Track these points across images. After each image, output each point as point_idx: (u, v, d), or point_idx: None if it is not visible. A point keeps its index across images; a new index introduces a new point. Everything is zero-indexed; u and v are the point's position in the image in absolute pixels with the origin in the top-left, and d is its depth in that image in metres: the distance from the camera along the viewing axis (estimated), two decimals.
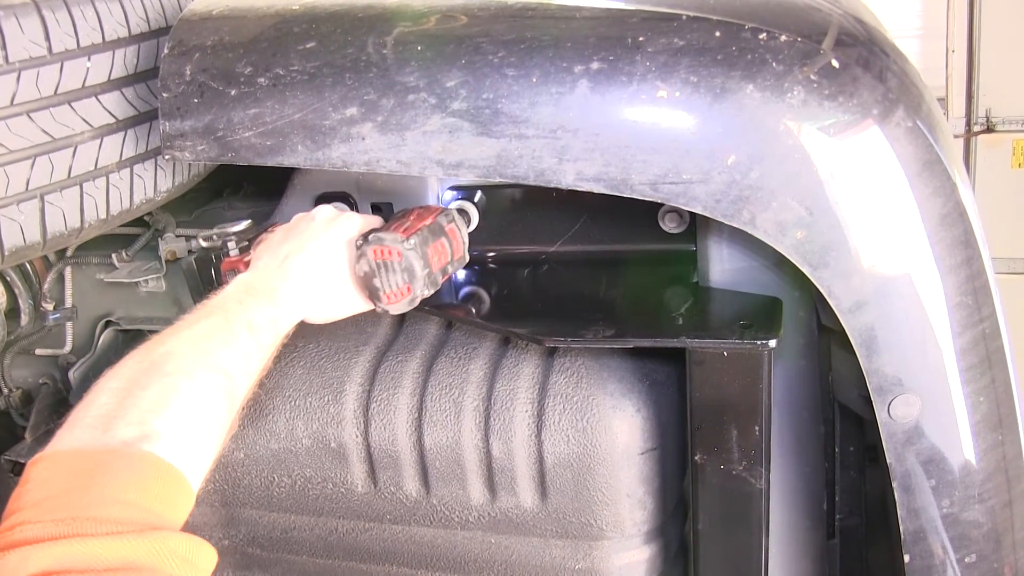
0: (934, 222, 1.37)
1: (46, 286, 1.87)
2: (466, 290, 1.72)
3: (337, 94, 1.36)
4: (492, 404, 1.56)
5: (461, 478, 1.60)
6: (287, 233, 1.47)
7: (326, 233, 1.45)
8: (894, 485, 1.46)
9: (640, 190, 1.33)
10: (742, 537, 1.56)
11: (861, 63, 1.35)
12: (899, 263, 1.37)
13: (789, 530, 1.78)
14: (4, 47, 1.32)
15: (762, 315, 1.51)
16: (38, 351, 1.96)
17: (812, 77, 1.30)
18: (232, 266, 1.53)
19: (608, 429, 1.53)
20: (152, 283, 1.85)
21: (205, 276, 1.74)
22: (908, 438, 1.43)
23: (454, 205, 1.68)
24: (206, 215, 1.97)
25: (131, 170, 1.54)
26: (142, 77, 1.53)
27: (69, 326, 1.93)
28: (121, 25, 1.47)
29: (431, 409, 1.58)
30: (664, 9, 1.35)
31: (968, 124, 6.65)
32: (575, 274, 1.72)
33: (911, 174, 1.35)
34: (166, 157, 1.44)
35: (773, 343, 1.42)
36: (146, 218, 1.79)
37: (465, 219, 1.63)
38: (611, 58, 1.30)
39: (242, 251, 1.57)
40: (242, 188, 2.10)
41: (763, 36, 1.31)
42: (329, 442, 1.63)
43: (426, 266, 1.44)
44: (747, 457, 1.49)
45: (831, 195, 1.32)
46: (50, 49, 1.37)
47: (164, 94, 1.42)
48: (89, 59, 1.43)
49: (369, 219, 1.51)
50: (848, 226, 1.34)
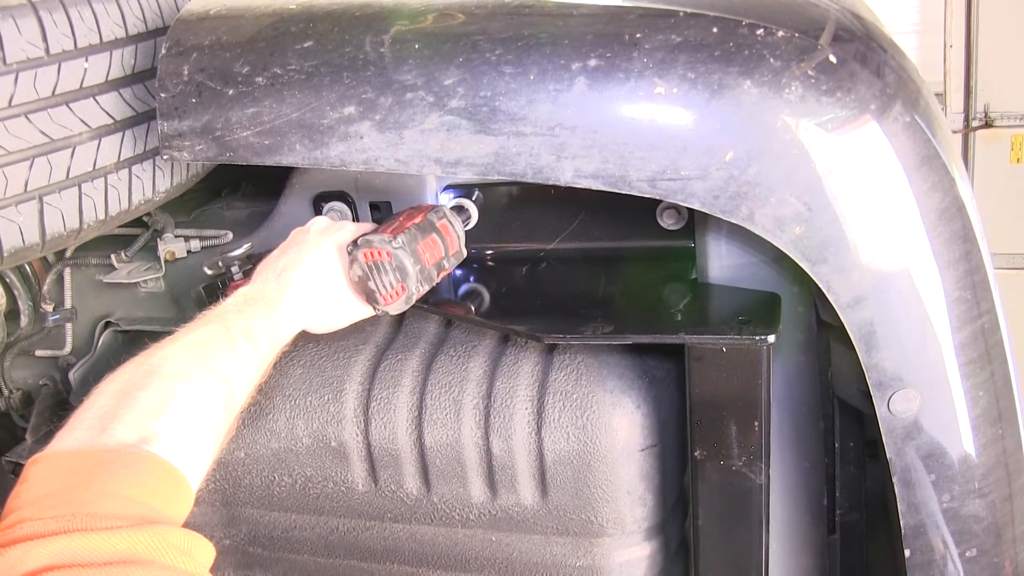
0: (932, 217, 1.38)
1: (45, 287, 1.87)
2: (465, 288, 1.72)
3: (335, 93, 1.36)
4: (492, 402, 1.56)
5: (461, 476, 1.60)
6: (284, 248, 1.50)
7: (320, 244, 1.47)
8: (894, 480, 1.46)
9: (638, 187, 1.33)
10: (742, 533, 1.56)
11: (859, 59, 1.35)
12: (898, 258, 1.37)
13: (789, 526, 1.78)
14: (2, 48, 1.32)
15: (761, 311, 1.52)
16: (38, 352, 1.96)
17: (810, 73, 1.30)
18: (237, 289, 1.54)
19: (608, 426, 1.53)
20: (151, 284, 1.85)
21: (213, 304, 1.75)
22: (908, 433, 1.43)
23: (452, 203, 1.68)
24: (205, 215, 1.97)
25: (129, 171, 1.54)
26: (140, 77, 1.53)
27: (68, 327, 1.93)
28: (118, 26, 1.47)
29: (431, 407, 1.58)
30: (661, 5, 1.35)
31: (966, 119, 6.65)
32: (574, 271, 1.72)
33: (909, 169, 1.35)
34: (164, 157, 1.44)
35: (772, 339, 1.42)
36: (145, 219, 1.79)
37: (463, 215, 1.63)
38: (608, 55, 1.30)
39: (246, 274, 1.58)
40: (241, 188, 2.10)
41: (760, 32, 1.31)
42: (329, 441, 1.63)
43: (417, 263, 1.45)
44: (747, 453, 1.49)
45: (829, 191, 1.32)
46: (47, 50, 1.37)
47: (162, 94, 1.42)
48: (87, 60, 1.43)
49: (362, 226, 1.53)
50: (846, 221, 1.34)
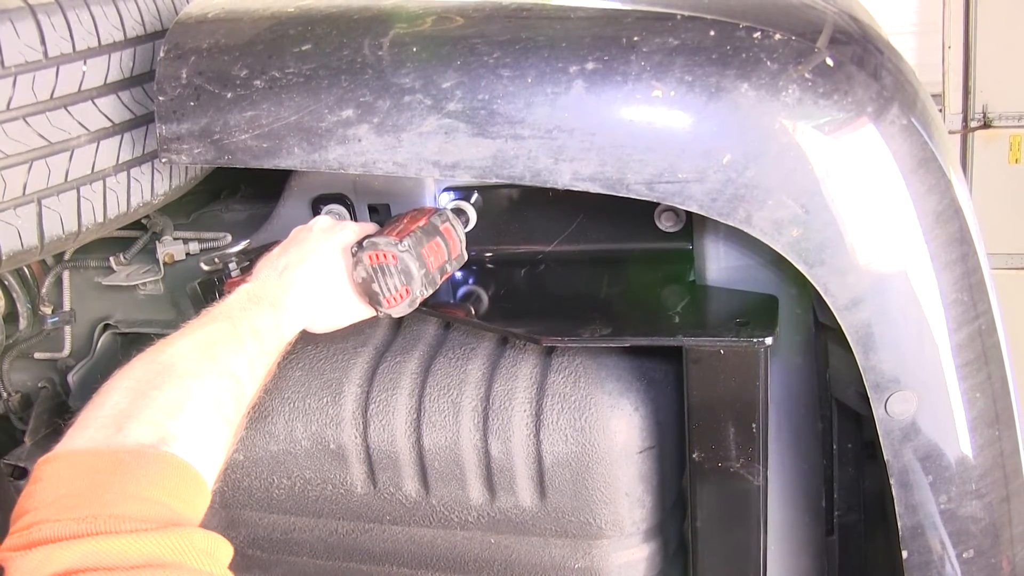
0: (929, 219, 1.38)
1: (44, 290, 1.87)
2: (464, 290, 1.72)
3: (333, 96, 1.36)
4: (490, 404, 1.57)
5: (460, 478, 1.60)
6: (286, 245, 1.49)
7: (323, 243, 1.47)
8: (892, 481, 1.46)
9: (636, 189, 1.33)
10: (741, 534, 1.56)
11: (856, 61, 1.35)
12: (895, 260, 1.37)
13: (788, 527, 1.78)
14: (0, 52, 1.32)
15: (759, 313, 1.52)
16: (37, 355, 1.96)
17: (807, 75, 1.30)
18: (235, 286, 1.54)
19: (606, 428, 1.53)
20: (150, 286, 1.85)
21: (210, 299, 1.74)
22: (905, 434, 1.44)
23: (450, 205, 1.68)
24: (204, 218, 1.97)
25: (128, 173, 1.54)
26: (138, 80, 1.53)
27: (67, 329, 1.93)
28: (117, 29, 1.48)
29: (430, 410, 1.59)
30: (659, 8, 1.36)
31: (965, 120, 6.66)
32: (572, 273, 1.72)
33: (906, 171, 1.36)
34: (163, 160, 1.44)
35: (770, 340, 1.42)
36: (144, 221, 1.79)
37: (462, 219, 1.63)
38: (606, 58, 1.30)
39: (243, 271, 1.58)
40: (239, 190, 2.10)
41: (758, 35, 1.31)
42: (328, 443, 1.63)
43: (422, 266, 1.45)
44: (745, 454, 1.49)
45: (827, 193, 1.32)
46: (46, 53, 1.37)
47: (160, 97, 1.42)
48: (85, 63, 1.43)
49: (365, 227, 1.53)
50: (844, 224, 1.34)
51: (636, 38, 1.31)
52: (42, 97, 1.38)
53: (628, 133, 1.31)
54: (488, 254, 1.77)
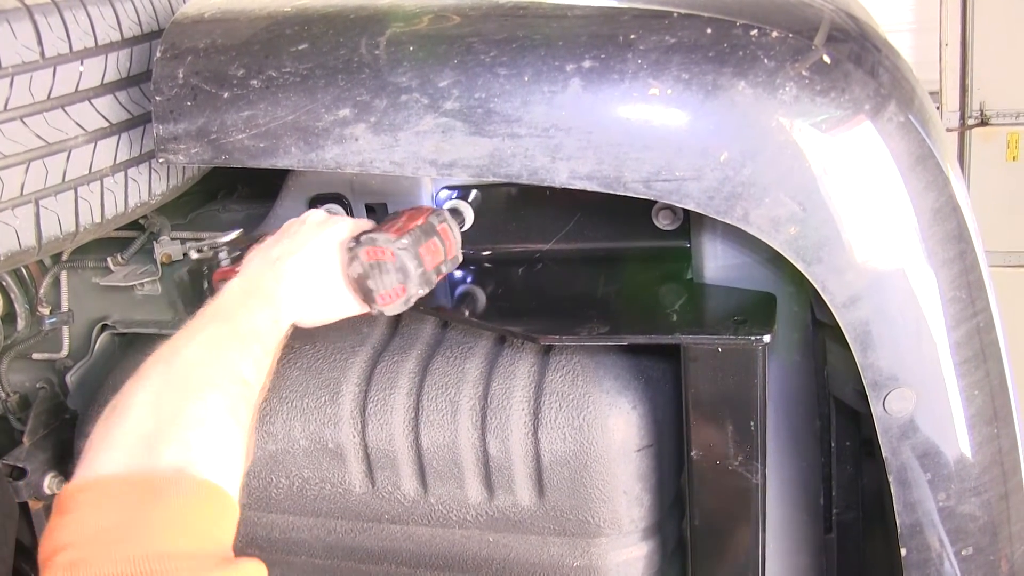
0: (927, 217, 1.38)
1: (42, 290, 1.87)
2: (461, 289, 1.72)
3: (330, 95, 1.36)
4: (488, 403, 1.57)
5: (458, 477, 1.60)
6: (278, 237, 1.46)
7: (317, 236, 1.44)
8: (890, 479, 1.46)
9: (633, 188, 1.33)
10: (739, 532, 1.56)
11: (853, 59, 1.35)
12: (893, 258, 1.37)
13: (786, 525, 1.78)
14: None
15: (756, 311, 1.52)
16: (35, 355, 1.95)
17: (804, 73, 1.30)
18: (224, 276, 1.52)
19: (604, 426, 1.53)
20: (148, 286, 1.85)
21: (197, 287, 1.73)
22: (903, 432, 1.44)
23: (447, 205, 1.68)
24: (201, 217, 1.97)
25: (125, 174, 1.54)
26: (135, 80, 1.52)
27: (65, 330, 1.93)
28: (113, 29, 1.47)
29: (428, 409, 1.59)
30: (655, 6, 1.36)
31: (962, 118, 6.66)
32: (570, 272, 1.72)
33: (904, 169, 1.36)
34: (160, 160, 1.44)
35: (767, 338, 1.42)
36: (141, 221, 1.79)
37: (458, 218, 1.63)
38: (603, 56, 1.30)
39: (234, 261, 1.57)
40: (237, 190, 2.10)
41: (754, 32, 1.31)
42: (326, 443, 1.63)
43: (420, 265, 1.44)
44: (743, 452, 1.49)
45: (824, 191, 1.32)
46: (43, 54, 1.37)
47: (157, 97, 1.42)
48: (82, 63, 1.43)
49: (360, 222, 1.51)
50: (841, 221, 1.34)
51: (633, 36, 1.31)
52: (39, 97, 1.38)
53: (625, 131, 1.31)
54: (486, 253, 1.77)
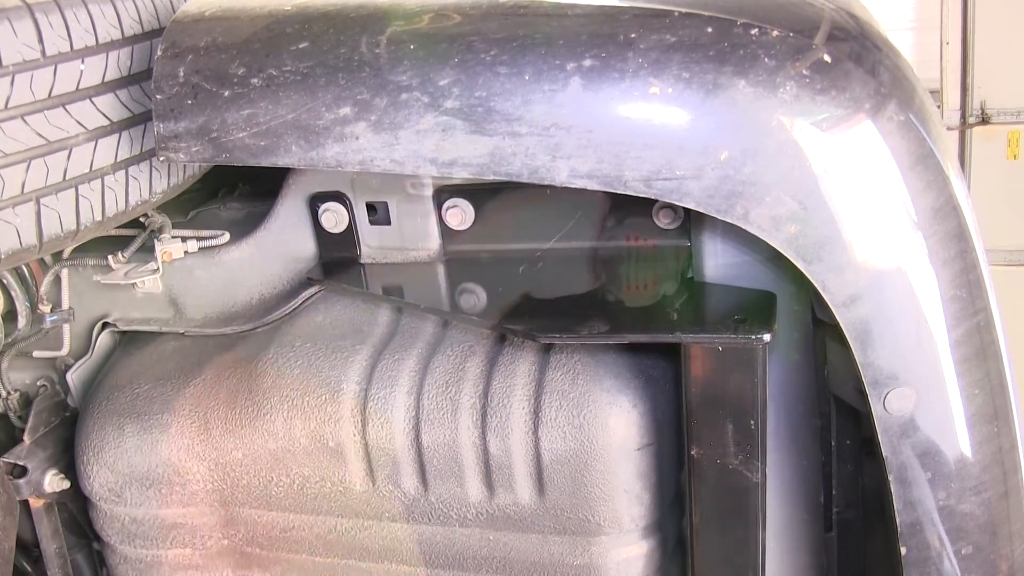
0: (927, 216, 1.38)
1: (43, 288, 1.87)
2: (461, 288, 1.72)
3: (330, 94, 1.36)
4: (489, 401, 1.57)
5: (459, 475, 1.60)
6: None
7: None
8: (890, 478, 1.46)
9: (634, 186, 1.33)
10: (739, 531, 1.56)
11: (853, 58, 1.35)
12: (893, 257, 1.37)
13: (786, 523, 1.78)
14: None
15: (756, 310, 1.52)
16: (36, 353, 1.96)
17: (804, 72, 1.30)
18: None
19: (605, 425, 1.53)
20: (148, 284, 1.86)
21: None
22: (903, 431, 1.44)
23: (448, 203, 1.67)
24: (202, 216, 1.97)
25: (126, 172, 1.54)
26: (136, 79, 1.53)
27: (66, 328, 1.93)
28: (114, 27, 1.47)
29: (428, 407, 1.59)
30: (656, 5, 1.35)
31: (963, 116, 6.67)
32: (570, 271, 1.72)
33: (904, 168, 1.36)
34: (160, 159, 1.44)
35: (767, 337, 1.42)
36: (142, 219, 1.79)
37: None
38: (603, 55, 1.30)
39: None
40: (238, 188, 2.10)
41: (755, 32, 1.31)
42: (327, 441, 1.63)
43: None
44: (743, 451, 1.49)
45: (824, 190, 1.32)
46: (44, 52, 1.37)
47: (158, 96, 1.42)
48: (83, 62, 1.43)
49: None
50: (841, 220, 1.34)
51: (633, 35, 1.31)
52: (40, 96, 1.38)
53: (625, 130, 1.31)
54: (486, 252, 1.77)
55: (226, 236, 1.84)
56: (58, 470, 1.86)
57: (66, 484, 1.86)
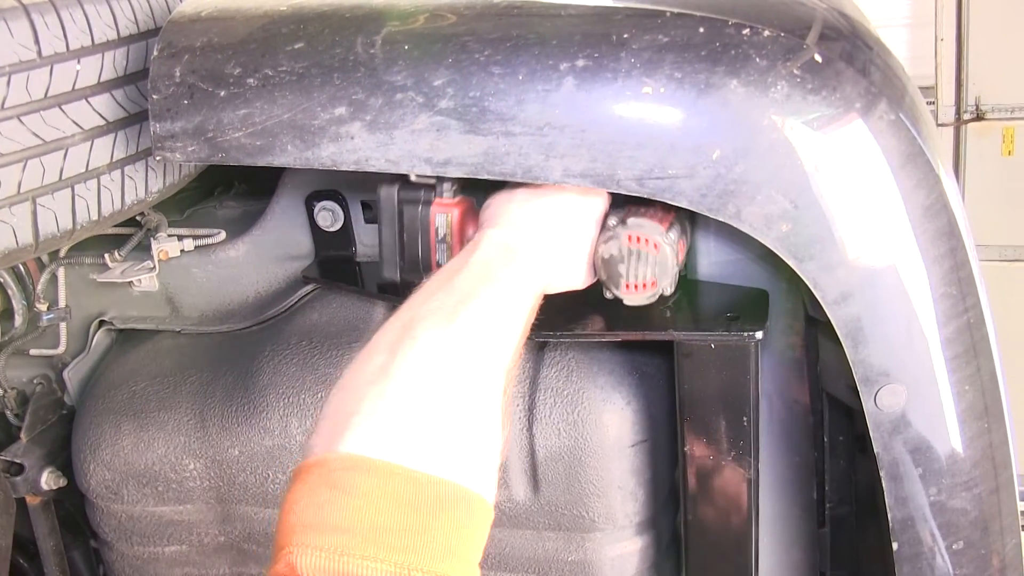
0: (918, 214, 1.39)
1: (39, 287, 1.87)
2: None
3: (326, 94, 1.37)
4: None
5: None
6: (532, 194, 1.42)
7: (580, 204, 1.42)
8: (882, 474, 1.47)
9: (626, 185, 1.34)
10: (732, 527, 1.58)
11: (844, 57, 1.36)
12: (884, 255, 1.38)
13: (780, 519, 1.79)
14: None
15: (749, 307, 1.53)
16: (32, 351, 1.96)
17: (796, 72, 1.31)
18: (444, 210, 1.49)
19: (599, 422, 1.54)
20: (145, 282, 1.86)
21: (409, 216, 1.58)
22: (895, 427, 1.45)
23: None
24: (198, 214, 1.98)
25: (122, 171, 1.55)
26: (132, 79, 1.53)
27: (63, 326, 1.94)
28: (110, 28, 1.48)
29: None
30: (648, 6, 1.36)
31: (958, 112, 6.68)
32: None
33: (895, 166, 1.37)
34: (157, 158, 1.44)
35: (760, 335, 1.44)
36: (138, 218, 1.79)
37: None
38: (596, 55, 1.31)
39: (455, 194, 1.51)
40: (234, 187, 2.11)
41: (747, 32, 1.32)
42: None
43: (676, 264, 1.41)
44: (736, 447, 1.51)
45: (816, 188, 1.33)
46: (40, 52, 1.38)
47: (154, 96, 1.42)
48: (79, 62, 1.43)
49: (609, 197, 1.47)
50: (833, 219, 1.35)
51: (626, 35, 1.32)
52: (36, 96, 1.39)
53: (618, 129, 1.32)
54: None
55: (222, 235, 1.85)
56: (55, 468, 1.87)
57: (63, 482, 1.87)
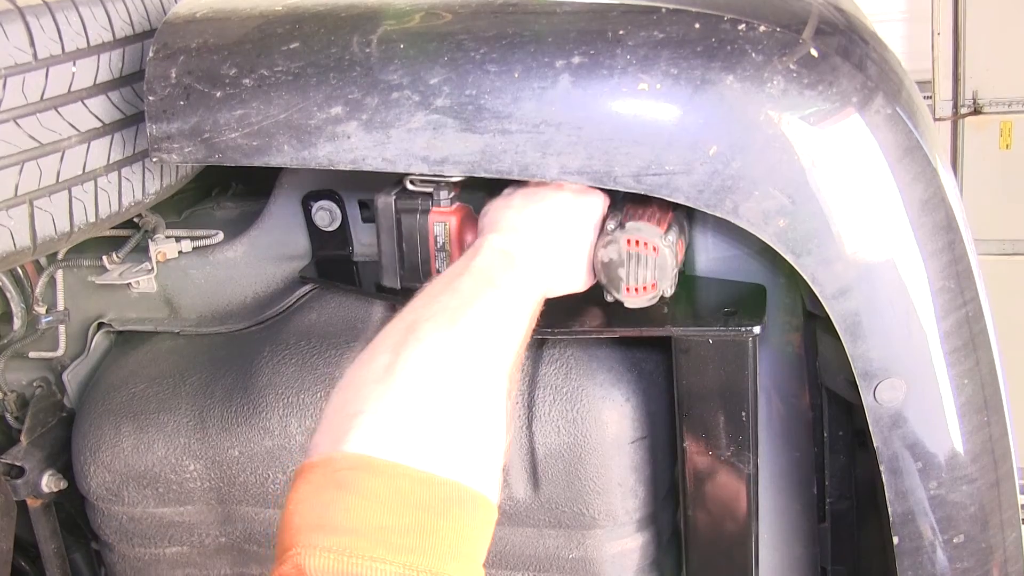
0: (915, 208, 1.39)
1: (38, 290, 1.87)
2: None
3: (322, 93, 1.37)
4: None
5: None
6: (528, 197, 1.42)
7: (577, 206, 1.42)
8: (881, 468, 1.47)
9: (623, 182, 1.34)
10: (733, 522, 1.58)
11: (841, 52, 1.36)
12: (881, 249, 1.38)
13: (780, 515, 1.79)
14: None
15: (747, 302, 1.53)
16: (31, 354, 1.96)
17: (792, 67, 1.31)
18: (442, 218, 1.48)
19: (598, 419, 1.54)
20: (143, 284, 1.86)
21: (408, 225, 1.59)
22: (894, 422, 1.45)
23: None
24: (196, 215, 1.98)
25: (119, 173, 1.55)
26: (128, 80, 1.53)
27: (62, 329, 1.94)
28: (105, 29, 1.48)
29: None
30: (644, 2, 1.36)
31: (955, 106, 6.68)
32: None
33: (892, 161, 1.37)
34: (153, 160, 1.44)
35: (757, 330, 1.44)
36: (136, 220, 1.79)
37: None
38: (592, 52, 1.31)
39: (452, 201, 1.51)
40: (231, 187, 2.11)
41: (742, 27, 1.32)
42: None
43: (675, 265, 1.41)
44: (735, 443, 1.51)
45: (813, 183, 1.33)
46: (35, 55, 1.38)
47: (150, 97, 1.42)
48: (74, 64, 1.43)
49: (607, 200, 1.47)
50: (830, 213, 1.35)
51: (622, 32, 1.32)
52: (32, 99, 1.39)
53: (615, 126, 1.32)
54: None
55: (220, 235, 1.85)
56: (55, 470, 1.87)
57: (63, 484, 1.87)
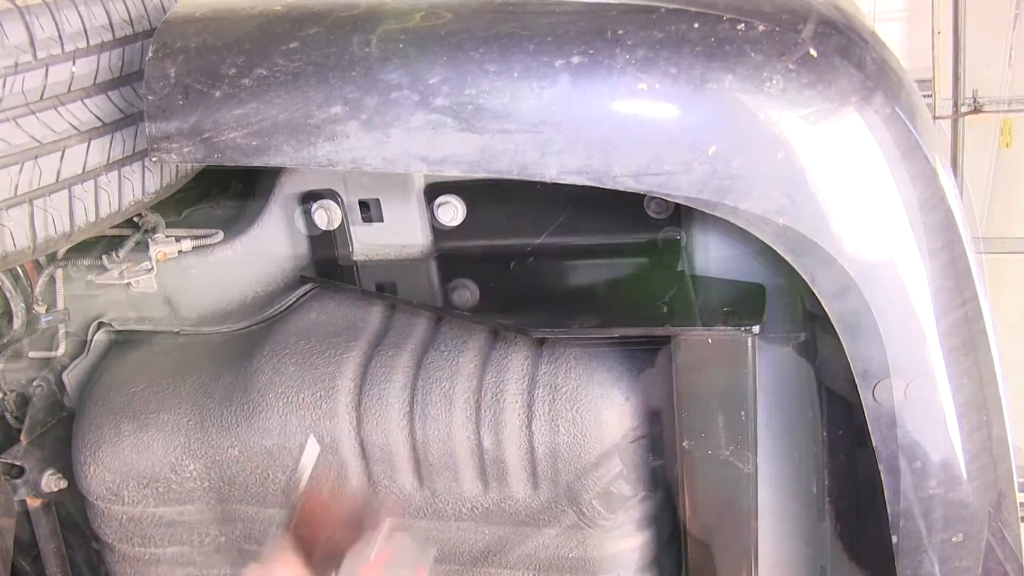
0: (915, 207, 1.39)
1: (38, 289, 1.87)
2: (454, 284, 1.73)
3: (321, 93, 1.36)
4: (482, 396, 1.58)
5: (453, 470, 1.61)
6: None
7: None
8: (880, 467, 1.47)
9: (623, 182, 1.34)
10: (732, 521, 1.58)
11: (840, 51, 1.36)
12: (881, 249, 1.38)
13: (779, 513, 1.79)
14: None
15: (746, 301, 1.53)
16: (31, 354, 1.96)
17: (791, 66, 1.31)
18: None
19: (597, 418, 1.54)
20: (143, 283, 1.86)
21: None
22: (893, 421, 1.45)
23: (440, 200, 1.67)
24: (195, 215, 1.98)
25: (119, 172, 1.55)
26: (127, 80, 1.53)
27: (62, 328, 1.93)
28: (105, 29, 1.48)
29: (422, 403, 1.60)
30: (643, 2, 1.36)
31: (955, 105, 6.68)
32: (562, 265, 1.73)
33: (891, 160, 1.36)
34: (153, 159, 1.44)
35: (757, 329, 1.44)
36: (136, 219, 1.79)
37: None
38: (591, 52, 1.31)
39: None
40: (231, 187, 2.11)
41: (741, 27, 1.32)
42: (322, 437, 1.64)
43: None
44: (734, 442, 1.51)
45: (812, 183, 1.33)
46: (35, 55, 1.38)
47: (149, 96, 1.42)
48: (74, 63, 1.43)
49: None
50: (829, 213, 1.35)
51: (621, 31, 1.31)
52: (32, 98, 1.39)
53: (614, 126, 1.32)
54: (478, 248, 1.78)
55: (220, 235, 1.85)
56: (55, 470, 1.87)
57: (63, 484, 1.87)
